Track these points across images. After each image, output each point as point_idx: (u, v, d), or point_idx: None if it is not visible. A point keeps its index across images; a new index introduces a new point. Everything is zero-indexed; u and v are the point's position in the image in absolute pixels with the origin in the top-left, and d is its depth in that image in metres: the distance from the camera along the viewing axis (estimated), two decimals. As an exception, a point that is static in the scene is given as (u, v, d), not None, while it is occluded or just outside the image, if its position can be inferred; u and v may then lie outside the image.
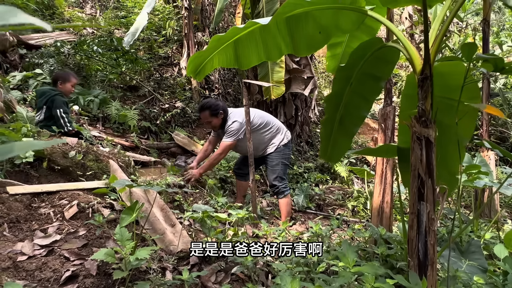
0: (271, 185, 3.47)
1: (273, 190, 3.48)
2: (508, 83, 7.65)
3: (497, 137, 7.46)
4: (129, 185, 1.84)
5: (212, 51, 1.91)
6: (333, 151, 2.15)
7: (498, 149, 2.02)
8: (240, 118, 3.29)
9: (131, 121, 5.38)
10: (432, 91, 1.45)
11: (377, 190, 2.48)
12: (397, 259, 1.92)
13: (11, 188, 2.09)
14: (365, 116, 2.04)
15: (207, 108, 3.28)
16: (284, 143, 3.47)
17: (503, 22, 8.34)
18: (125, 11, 8.15)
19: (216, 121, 3.32)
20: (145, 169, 4.17)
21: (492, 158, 3.75)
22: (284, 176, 3.47)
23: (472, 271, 1.77)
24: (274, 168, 3.42)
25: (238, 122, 3.27)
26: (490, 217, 3.67)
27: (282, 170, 3.44)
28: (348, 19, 1.76)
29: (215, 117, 3.29)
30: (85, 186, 2.36)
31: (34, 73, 5.08)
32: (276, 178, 3.40)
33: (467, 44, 1.34)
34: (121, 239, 1.61)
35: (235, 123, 3.27)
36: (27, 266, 1.63)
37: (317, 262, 1.84)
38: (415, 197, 1.48)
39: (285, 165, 3.50)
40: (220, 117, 3.31)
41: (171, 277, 1.74)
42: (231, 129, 3.26)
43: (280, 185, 3.40)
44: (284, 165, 3.48)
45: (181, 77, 7.22)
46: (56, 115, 3.40)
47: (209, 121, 3.33)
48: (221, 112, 3.30)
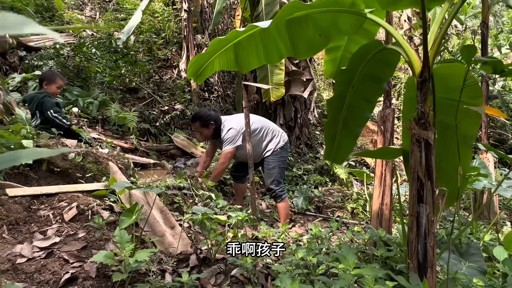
0: (268, 189, 3.47)
1: (270, 194, 3.48)
2: (507, 86, 7.68)
3: (496, 139, 7.48)
4: (128, 187, 1.84)
5: (213, 54, 1.92)
6: (337, 152, 2.16)
7: (493, 151, 2.02)
8: (235, 124, 3.29)
9: (131, 123, 5.38)
10: (433, 93, 1.45)
11: (376, 192, 2.49)
12: (396, 261, 1.92)
13: (11, 190, 2.09)
14: (368, 117, 2.05)
15: (198, 119, 3.31)
16: (280, 145, 3.47)
17: (501, 25, 8.39)
18: (124, 13, 8.16)
19: (207, 131, 3.35)
20: (144, 171, 4.17)
21: (491, 160, 3.76)
22: (281, 180, 3.47)
23: (472, 273, 1.77)
24: (271, 171, 3.42)
25: (233, 129, 3.27)
26: (489, 219, 3.67)
27: (279, 173, 3.43)
28: (348, 22, 1.77)
29: (205, 128, 3.32)
30: (85, 188, 2.35)
31: (34, 75, 5.08)
32: (273, 182, 3.40)
33: (467, 46, 1.34)
34: (120, 241, 1.61)
35: (231, 130, 3.26)
36: (26, 268, 1.63)
37: (317, 264, 1.84)
38: (415, 199, 1.48)
39: (282, 168, 3.50)
40: (212, 128, 3.32)
41: (171, 279, 1.73)
42: (227, 136, 3.26)
43: (277, 189, 3.40)
44: (281, 168, 3.47)
45: (181, 79, 7.22)
46: (49, 117, 3.37)
47: (201, 132, 3.37)
48: (211, 123, 3.31)
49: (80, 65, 5.88)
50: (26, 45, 5.87)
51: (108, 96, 5.78)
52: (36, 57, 5.55)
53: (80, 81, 5.69)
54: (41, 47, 5.94)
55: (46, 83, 3.54)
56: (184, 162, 4.39)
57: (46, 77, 3.59)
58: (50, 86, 3.54)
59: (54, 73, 3.72)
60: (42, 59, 5.47)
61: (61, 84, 3.65)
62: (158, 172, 4.14)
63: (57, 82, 3.58)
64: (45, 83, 3.54)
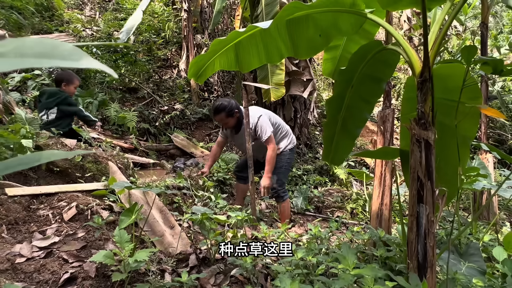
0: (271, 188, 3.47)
1: (272, 193, 3.47)
2: (506, 86, 7.69)
3: (495, 140, 7.48)
4: (128, 187, 1.83)
5: (213, 54, 1.91)
6: (336, 153, 2.16)
7: (496, 151, 2.02)
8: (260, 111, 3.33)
9: (130, 123, 5.38)
10: (432, 93, 1.45)
11: (376, 193, 2.49)
12: (396, 262, 1.92)
13: (10, 189, 2.08)
14: (367, 117, 2.05)
15: (223, 109, 3.25)
16: (290, 147, 3.47)
17: (501, 26, 8.40)
18: (124, 13, 8.15)
19: (232, 121, 3.33)
20: (144, 171, 4.17)
21: (491, 161, 3.76)
22: (284, 180, 3.47)
23: (471, 273, 1.77)
24: (277, 171, 3.39)
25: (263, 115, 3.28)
26: (489, 219, 3.68)
27: (283, 174, 3.44)
28: (348, 22, 1.77)
29: (231, 117, 3.29)
30: (84, 188, 2.35)
31: (33, 75, 5.08)
32: (276, 182, 3.39)
33: (467, 47, 1.34)
34: (120, 241, 1.61)
35: (261, 117, 3.26)
36: (26, 268, 1.63)
37: (316, 264, 1.83)
38: (415, 199, 1.48)
39: (287, 170, 3.50)
40: (236, 116, 3.32)
41: (170, 279, 1.73)
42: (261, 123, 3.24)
43: (279, 189, 3.40)
44: (286, 169, 3.47)
45: (180, 79, 7.22)
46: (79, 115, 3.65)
47: (226, 122, 3.33)
48: (236, 111, 3.30)
49: (80, 65, 5.87)
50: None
51: (108, 96, 5.78)
52: (35, 57, 5.53)
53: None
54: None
55: (65, 84, 3.60)
56: (184, 162, 4.38)
57: (65, 78, 3.65)
58: (69, 87, 3.62)
59: (71, 74, 3.78)
60: (41, 59, 5.45)
61: (77, 84, 3.76)
62: (158, 172, 4.14)
63: (74, 82, 3.68)
64: (64, 84, 3.60)
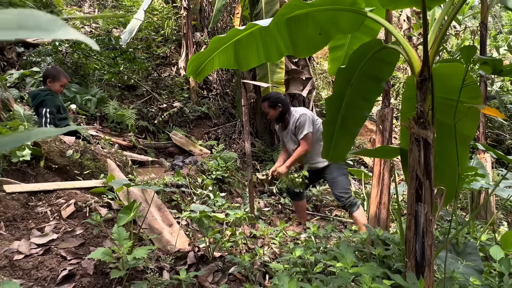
0: (337, 198, 3.31)
1: (341, 203, 3.30)
2: (505, 86, 7.70)
3: (494, 140, 7.50)
4: (126, 184, 1.83)
5: (212, 52, 1.91)
6: (335, 151, 2.16)
7: (492, 151, 2.02)
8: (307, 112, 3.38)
9: (129, 120, 5.37)
10: (432, 92, 1.45)
11: (374, 191, 2.49)
12: (394, 260, 1.92)
13: (8, 186, 2.08)
14: (367, 116, 2.05)
15: (267, 99, 3.42)
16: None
17: (500, 26, 8.41)
18: (123, 10, 8.12)
19: (273, 112, 3.42)
20: (142, 168, 4.16)
21: (489, 160, 3.77)
22: (348, 186, 3.33)
23: (469, 272, 1.78)
24: (336, 179, 3.30)
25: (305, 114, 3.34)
26: (486, 219, 3.69)
27: (344, 181, 3.32)
28: (348, 20, 1.76)
29: (272, 108, 3.40)
30: (83, 185, 2.35)
31: (32, 71, 5.06)
32: (341, 191, 3.27)
33: (467, 46, 1.34)
34: (118, 238, 1.61)
35: (302, 116, 3.32)
36: (24, 265, 1.63)
37: (315, 263, 1.84)
38: (413, 198, 1.48)
39: (346, 175, 3.39)
40: (278, 110, 3.39)
41: (169, 277, 1.73)
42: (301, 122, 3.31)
43: (346, 197, 3.24)
44: (345, 175, 3.37)
45: (179, 77, 7.21)
46: (41, 113, 3.29)
47: (268, 112, 3.46)
48: (279, 105, 3.38)
49: (79, 62, 5.85)
50: (24, 41, 5.84)
51: (107, 93, 5.77)
52: (34, 53, 5.52)
53: (78, 78, 5.66)
54: (39, 43, 5.90)
55: (50, 81, 3.49)
56: (183, 160, 4.38)
57: (51, 74, 3.54)
58: (54, 84, 3.50)
59: (59, 70, 3.65)
60: (40, 56, 5.44)
61: (65, 82, 3.60)
62: (156, 170, 4.13)
63: (61, 80, 3.54)
64: (49, 81, 3.49)
